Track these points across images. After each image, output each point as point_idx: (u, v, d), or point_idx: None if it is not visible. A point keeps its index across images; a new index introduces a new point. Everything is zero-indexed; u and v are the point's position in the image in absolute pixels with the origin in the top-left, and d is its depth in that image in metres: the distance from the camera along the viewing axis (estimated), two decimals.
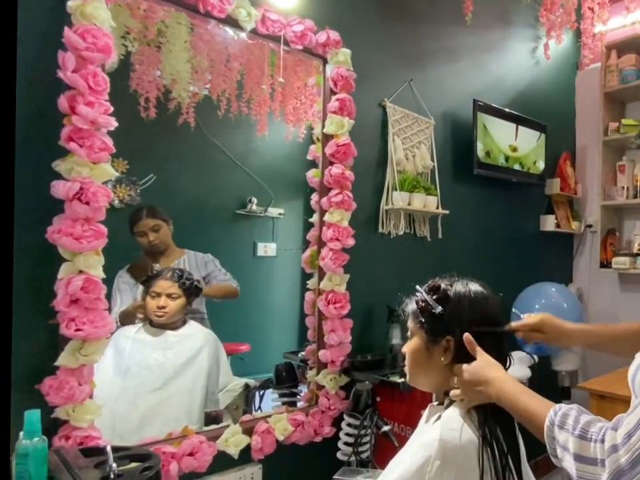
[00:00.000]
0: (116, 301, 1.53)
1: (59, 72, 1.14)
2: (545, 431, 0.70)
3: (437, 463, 0.76)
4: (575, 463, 0.64)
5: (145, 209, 1.57)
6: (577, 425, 0.66)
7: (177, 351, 1.53)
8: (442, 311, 0.88)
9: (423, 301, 0.90)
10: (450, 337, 0.87)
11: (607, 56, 2.77)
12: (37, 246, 1.16)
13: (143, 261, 1.60)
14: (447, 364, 0.88)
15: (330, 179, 1.70)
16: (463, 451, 0.78)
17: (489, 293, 0.91)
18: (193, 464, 1.37)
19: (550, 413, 0.70)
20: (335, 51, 1.71)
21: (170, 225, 1.62)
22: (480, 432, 0.80)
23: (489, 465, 0.78)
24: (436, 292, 0.90)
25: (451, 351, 0.87)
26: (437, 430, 0.80)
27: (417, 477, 0.78)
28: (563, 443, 0.66)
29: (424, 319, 0.89)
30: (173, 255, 1.64)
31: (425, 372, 0.91)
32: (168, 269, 1.57)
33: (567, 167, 2.93)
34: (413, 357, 0.92)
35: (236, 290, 1.71)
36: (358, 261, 1.81)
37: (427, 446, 0.79)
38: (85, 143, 1.16)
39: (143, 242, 1.57)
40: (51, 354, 1.16)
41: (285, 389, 1.72)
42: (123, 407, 1.42)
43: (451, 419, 0.82)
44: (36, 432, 0.89)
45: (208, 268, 1.68)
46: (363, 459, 1.61)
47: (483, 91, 2.44)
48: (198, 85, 1.60)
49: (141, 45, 1.46)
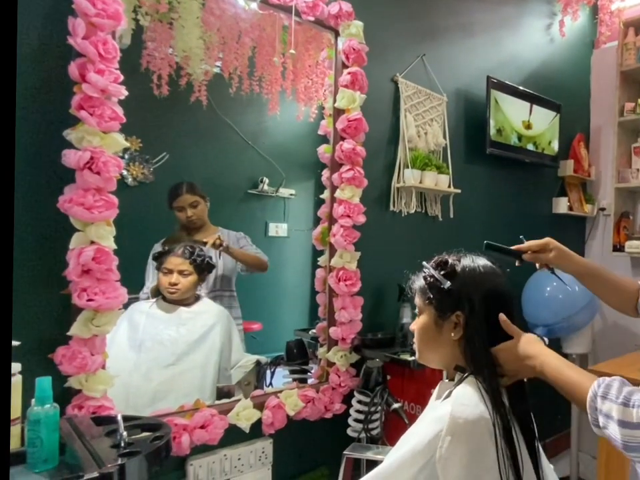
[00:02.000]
0: (148, 275, 1.54)
1: (69, 38, 1.12)
2: (588, 401, 0.73)
3: (448, 439, 0.75)
4: (620, 428, 0.68)
5: (185, 184, 1.59)
6: (620, 394, 0.70)
7: (189, 327, 1.53)
8: (450, 286, 0.86)
9: (430, 276, 0.89)
10: (459, 311, 0.85)
11: (624, 34, 2.70)
12: (50, 215, 1.15)
13: (179, 235, 1.62)
14: (456, 339, 0.86)
15: (341, 155, 1.68)
16: (474, 427, 0.76)
17: (496, 267, 0.90)
18: (205, 436, 1.37)
19: (594, 384, 0.73)
20: (347, 23, 1.68)
21: (207, 202, 1.64)
22: (494, 408, 0.79)
23: (501, 441, 0.76)
24: (444, 267, 0.89)
25: (461, 326, 0.85)
26: (449, 405, 0.79)
27: (428, 451, 0.77)
28: (607, 412, 0.70)
29: (432, 295, 0.88)
30: (208, 232, 1.66)
31: (435, 348, 0.90)
32: (180, 245, 1.56)
33: (580, 148, 2.87)
34: (423, 334, 0.91)
35: (266, 262, 1.73)
36: (369, 238, 1.79)
37: (438, 420, 0.78)
38: (95, 112, 1.14)
39: (181, 217, 1.60)
40: (64, 324, 1.16)
41: (295, 366, 1.72)
42: (136, 381, 1.42)
43: (462, 395, 0.81)
44: (47, 398, 0.89)
45: (240, 243, 1.70)
46: (372, 436, 1.61)
47: (496, 67, 2.39)
48: (209, 62, 1.58)
49: (153, 21, 1.43)
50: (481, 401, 0.79)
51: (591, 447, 2.56)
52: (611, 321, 2.82)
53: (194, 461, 1.40)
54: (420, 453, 0.78)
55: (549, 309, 2.33)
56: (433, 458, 0.76)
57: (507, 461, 0.76)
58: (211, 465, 1.42)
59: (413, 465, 0.79)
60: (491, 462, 0.76)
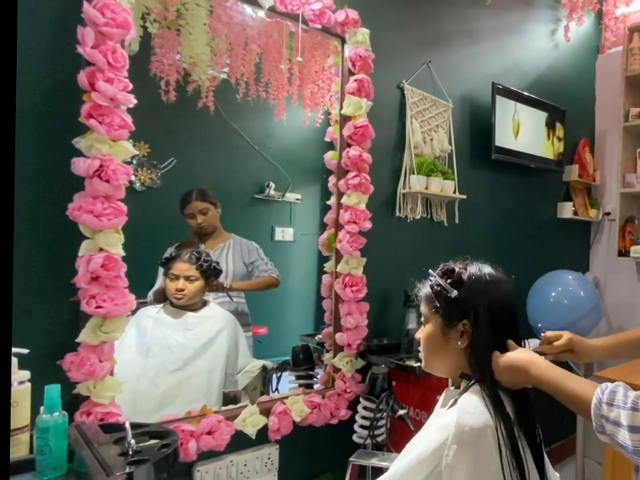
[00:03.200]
0: (159, 280, 1.55)
1: (78, 47, 1.13)
2: (593, 409, 0.71)
3: (453, 447, 0.75)
4: (630, 434, 0.66)
5: (195, 191, 1.61)
6: (627, 399, 0.68)
7: (196, 332, 1.54)
8: (457, 295, 0.86)
9: (437, 285, 0.88)
10: (466, 320, 0.85)
11: (629, 39, 2.69)
12: (59, 223, 1.16)
13: (191, 240, 1.64)
14: (463, 348, 0.86)
15: (347, 161, 1.68)
16: (480, 435, 0.76)
17: (502, 275, 0.90)
18: (211, 442, 1.37)
19: (597, 392, 0.72)
20: (354, 31, 1.68)
21: (218, 209, 1.66)
22: (498, 416, 0.79)
23: (506, 450, 0.76)
24: (450, 276, 0.88)
25: (468, 334, 0.85)
26: (454, 414, 0.79)
27: (434, 459, 0.77)
28: (615, 419, 0.69)
29: (439, 304, 0.88)
30: (220, 238, 1.68)
31: (441, 357, 0.90)
32: (186, 251, 1.57)
33: (585, 153, 2.87)
34: (429, 343, 0.90)
35: (276, 280, 1.73)
36: (375, 244, 1.79)
37: (443, 429, 0.78)
38: (104, 120, 1.15)
39: (192, 223, 1.62)
40: (73, 331, 1.16)
41: (301, 371, 1.72)
42: (144, 386, 1.43)
43: (467, 403, 0.81)
44: (56, 406, 0.89)
45: (251, 257, 1.71)
46: (378, 442, 1.61)
47: (501, 74, 2.39)
48: (217, 69, 1.59)
49: (161, 28, 1.45)
50: (486, 410, 0.79)
51: (597, 452, 2.55)
52: (617, 325, 2.81)
53: (200, 467, 1.40)
54: (425, 461, 0.78)
55: (554, 315, 2.33)
56: (438, 466, 0.76)
57: (513, 470, 0.76)
58: (217, 470, 1.43)
59: (418, 473, 0.79)
60: (496, 470, 0.75)
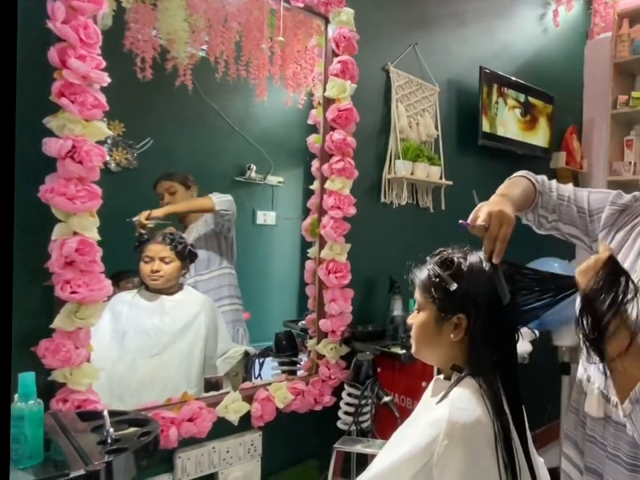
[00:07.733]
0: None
1: (48, 22, 1.09)
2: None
3: (445, 443, 0.74)
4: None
5: (166, 172, 1.57)
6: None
7: (173, 316, 1.52)
8: (456, 288, 0.83)
9: (436, 276, 0.85)
10: (462, 314, 0.83)
11: (618, 25, 2.69)
12: (31, 205, 1.12)
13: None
14: (456, 341, 0.84)
15: (331, 145, 1.65)
16: (472, 431, 0.75)
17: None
18: (193, 429, 1.36)
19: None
20: (338, 10, 1.65)
21: (191, 190, 1.61)
22: (491, 411, 0.78)
23: (499, 445, 0.75)
24: (449, 267, 0.85)
25: (462, 328, 0.83)
26: (446, 408, 0.78)
27: (425, 455, 0.76)
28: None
29: (436, 295, 0.85)
30: (190, 217, 1.64)
31: (433, 347, 0.88)
32: (160, 232, 1.54)
33: (573, 140, 2.87)
34: (421, 331, 0.88)
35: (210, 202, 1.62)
36: (359, 230, 1.77)
37: (435, 424, 0.77)
38: (76, 99, 1.11)
39: (161, 204, 1.57)
40: (47, 316, 1.14)
41: (284, 358, 1.71)
42: (121, 371, 1.41)
43: (459, 398, 0.79)
44: (31, 394, 0.87)
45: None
46: (363, 429, 1.60)
47: (489, 58, 2.36)
48: (195, 46, 1.54)
49: (136, 2, 1.40)
50: (479, 404, 0.78)
51: None
52: None
53: (182, 454, 1.38)
54: (416, 456, 0.77)
55: None
56: (429, 462, 0.75)
57: (506, 467, 0.75)
58: (199, 457, 1.41)
59: (409, 468, 0.78)
60: (488, 466, 0.75)
